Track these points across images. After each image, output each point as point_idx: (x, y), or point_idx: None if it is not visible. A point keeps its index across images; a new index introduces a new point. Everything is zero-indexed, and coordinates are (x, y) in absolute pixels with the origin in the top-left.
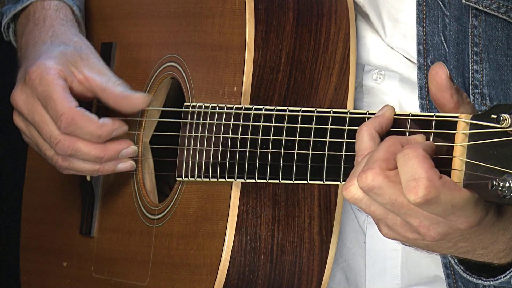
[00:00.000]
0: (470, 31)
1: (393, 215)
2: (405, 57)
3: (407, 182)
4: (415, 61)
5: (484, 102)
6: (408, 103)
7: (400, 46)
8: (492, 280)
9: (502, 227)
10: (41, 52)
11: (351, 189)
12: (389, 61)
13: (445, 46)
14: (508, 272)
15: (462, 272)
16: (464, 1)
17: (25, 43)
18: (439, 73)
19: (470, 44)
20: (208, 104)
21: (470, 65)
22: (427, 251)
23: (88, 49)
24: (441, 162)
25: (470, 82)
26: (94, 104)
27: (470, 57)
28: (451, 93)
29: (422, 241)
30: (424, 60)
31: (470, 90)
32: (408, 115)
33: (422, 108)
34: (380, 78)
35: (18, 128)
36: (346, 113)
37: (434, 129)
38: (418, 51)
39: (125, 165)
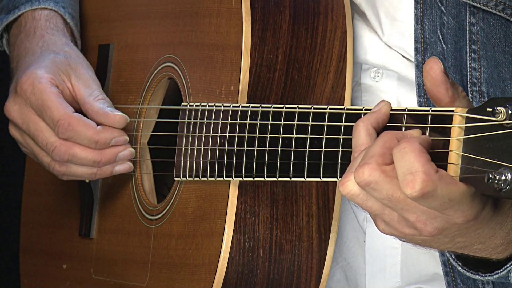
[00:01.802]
0: (467, 28)
1: (389, 210)
2: (403, 56)
3: (403, 176)
4: (413, 60)
5: (482, 99)
6: (406, 102)
7: (398, 44)
8: (489, 275)
9: (499, 221)
10: (31, 62)
11: (347, 185)
12: (386, 60)
13: (443, 44)
14: (505, 267)
15: (459, 268)
16: None
17: (17, 54)
18: (434, 68)
19: (468, 41)
20: (205, 104)
21: (468, 63)
22: (425, 247)
23: (78, 59)
24: (438, 156)
25: (468, 79)
26: None
27: (468, 54)
28: (446, 88)
29: (419, 237)
30: (422, 58)
31: (468, 88)
32: (404, 110)
33: (420, 106)
34: (378, 76)
35: (15, 139)
36: (342, 109)
37: (430, 124)
38: (416, 49)
39: (123, 166)
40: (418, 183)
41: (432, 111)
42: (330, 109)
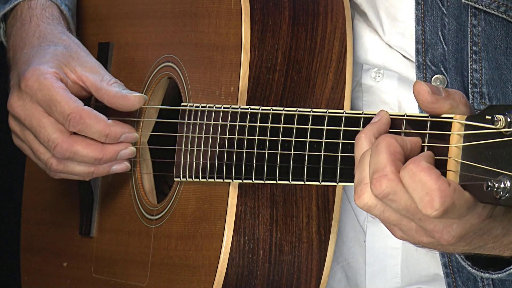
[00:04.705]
0: (469, 30)
1: (407, 220)
2: (404, 56)
3: (420, 198)
4: (414, 60)
5: (483, 101)
6: (407, 102)
7: (398, 44)
8: (500, 273)
9: (511, 217)
10: (32, 56)
11: (364, 197)
12: (387, 60)
13: (444, 45)
14: None
15: (469, 268)
16: (463, 0)
17: (13, 44)
18: (421, 92)
19: (469, 43)
20: (204, 104)
21: (469, 64)
22: (439, 251)
23: (78, 47)
24: (437, 164)
25: (469, 81)
26: (92, 104)
27: (469, 56)
28: (441, 104)
29: (438, 245)
30: (423, 60)
31: (469, 89)
32: (403, 115)
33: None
34: (379, 76)
35: (12, 131)
36: (341, 113)
37: (429, 130)
38: (417, 50)
39: (120, 166)
40: (437, 201)
41: (431, 117)
42: (329, 113)
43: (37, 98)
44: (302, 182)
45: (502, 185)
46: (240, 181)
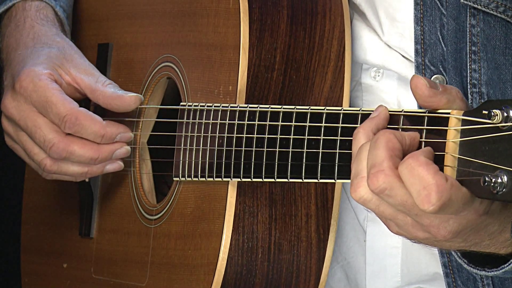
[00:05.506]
0: (468, 30)
1: (403, 215)
2: (403, 56)
3: (417, 192)
4: (413, 60)
5: (482, 101)
6: (407, 101)
7: (397, 45)
8: (495, 270)
9: (508, 214)
10: (26, 57)
11: (360, 191)
12: (386, 60)
13: (443, 45)
14: (511, 261)
15: (465, 265)
16: (462, 1)
17: (7, 45)
18: (419, 86)
19: (468, 43)
20: (203, 104)
21: (468, 64)
22: (435, 247)
23: (72, 49)
24: (434, 159)
25: (468, 81)
26: (91, 105)
27: (468, 56)
28: (438, 99)
29: (434, 240)
30: (422, 60)
31: (468, 89)
32: (400, 111)
33: (421, 107)
34: (378, 76)
35: (5, 132)
36: (339, 110)
37: (427, 126)
38: (416, 51)
39: (113, 166)
40: (433, 196)
41: (428, 113)
42: (327, 110)
43: (32, 99)
44: (300, 180)
45: (499, 180)
46: (239, 179)
